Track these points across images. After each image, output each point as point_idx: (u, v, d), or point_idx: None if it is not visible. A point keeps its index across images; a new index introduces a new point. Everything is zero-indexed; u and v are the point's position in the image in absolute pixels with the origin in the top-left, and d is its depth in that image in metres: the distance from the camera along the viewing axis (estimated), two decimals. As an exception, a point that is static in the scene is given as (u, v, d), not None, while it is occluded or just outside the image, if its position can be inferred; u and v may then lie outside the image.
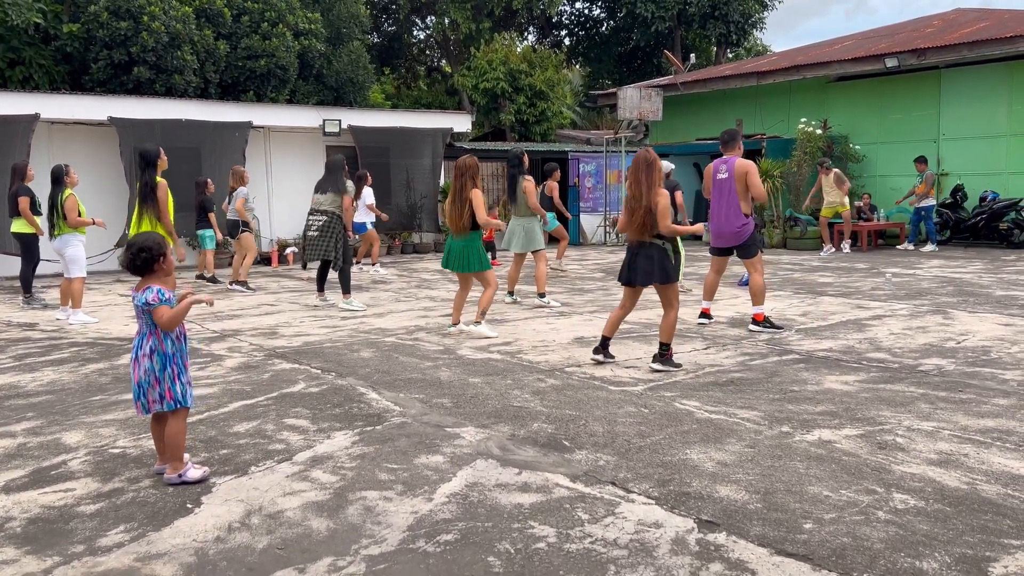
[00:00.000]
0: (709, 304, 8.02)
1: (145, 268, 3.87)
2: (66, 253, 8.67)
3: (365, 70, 21.18)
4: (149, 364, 3.81)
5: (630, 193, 6.00)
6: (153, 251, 3.88)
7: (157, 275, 3.90)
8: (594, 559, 3.03)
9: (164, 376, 3.84)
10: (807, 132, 17.44)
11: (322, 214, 9.18)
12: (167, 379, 3.85)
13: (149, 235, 4.07)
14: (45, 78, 16.47)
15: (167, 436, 3.89)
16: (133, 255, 3.87)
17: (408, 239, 17.46)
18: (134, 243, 3.91)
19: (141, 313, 3.85)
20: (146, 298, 3.79)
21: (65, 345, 7.49)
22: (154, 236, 4.04)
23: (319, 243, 9.18)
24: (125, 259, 3.98)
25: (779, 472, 3.88)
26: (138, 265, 3.87)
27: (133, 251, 3.88)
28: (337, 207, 9.19)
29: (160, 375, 3.83)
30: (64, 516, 3.52)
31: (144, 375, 3.82)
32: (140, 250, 3.86)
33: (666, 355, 6.09)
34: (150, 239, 3.96)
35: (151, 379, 3.83)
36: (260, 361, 6.61)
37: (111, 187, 13.97)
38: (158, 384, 3.84)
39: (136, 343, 3.89)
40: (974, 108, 16.92)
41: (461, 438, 4.49)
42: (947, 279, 11.24)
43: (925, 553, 3.02)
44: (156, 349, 3.84)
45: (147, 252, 3.86)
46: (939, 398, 5.17)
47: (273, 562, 3.07)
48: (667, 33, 30.47)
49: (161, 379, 3.84)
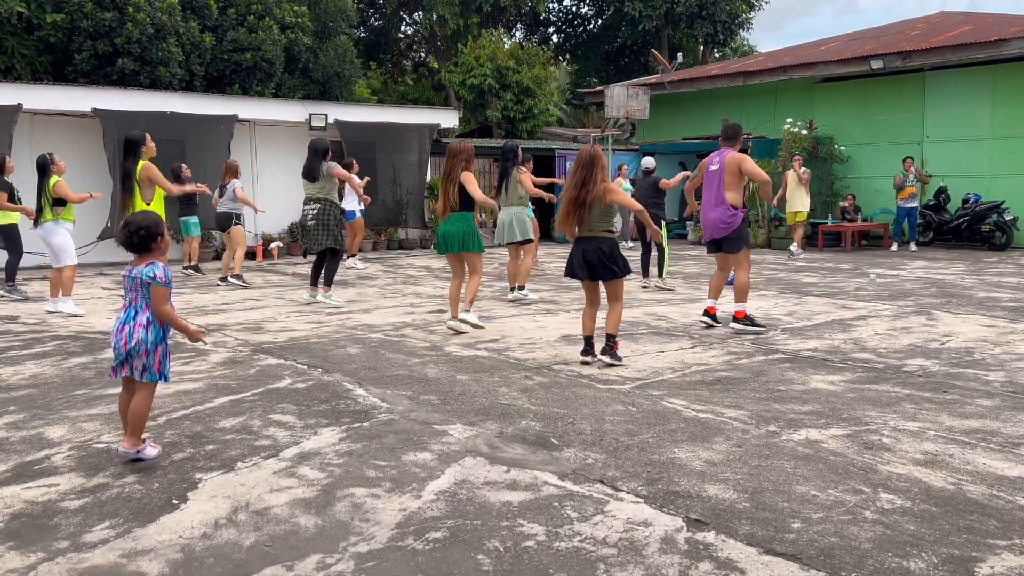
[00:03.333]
0: (714, 303, 7.91)
1: (143, 246, 3.94)
2: (53, 241, 8.58)
3: (352, 65, 21.09)
4: (143, 335, 3.87)
5: (575, 190, 6.05)
6: (151, 229, 3.95)
7: (154, 253, 3.97)
8: (584, 557, 3.03)
9: (156, 350, 3.92)
10: (793, 133, 17.54)
11: (315, 202, 9.00)
12: (159, 352, 3.94)
13: (147, 214, 4.16)
14: (28, 68, 16.29)
15: (135, 408, 3.94)
16: (131, 232, 3.93)
17: (394, 235, 17.42)
18: (132, 221, 3.98)
19: (139, 286, 3.90)
20: (154, 272, 3.87)
21: (47, 338, 7.41)
22: (152, 215, 4.12)
23: (316, 233, 9.04)
24: (122, 236, 3.99)
25: (767, 471, 3.89)
26: (135, 243, 3.93)
27: (132, 228, 3.93)
28: (327, 192, 9.06)
29: (152, 348, 3.90)
30: (48, 511, 3.48)
31: (136, 345, 3.87)
32: (139, 228, 3.93)
33: (614, 347, 6.17)
34: (148, 217, 4.03)
35: (141, 349, 3.89)
36: (246, 356, 6.57)
37: (95, 179, 13.82)
38: (146, 355, 3.90)
39: (126, 314, 3.94)
40: (958, 111, 17.08)
41: (449, 435, 4.48)
42: (930, 280, 11.33)
43: (912, 553, 3.03)
44: (153, 322, 3.90)
45: (145, 230, 3.94)
46: (924, 399, 5.21)
47: (260, 559, 3.05)
48: (654, 32, 30.54)
49: (151, 352, 3.90)
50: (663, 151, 20.70)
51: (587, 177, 6.05)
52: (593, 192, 6.02)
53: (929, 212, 16.78)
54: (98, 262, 13.70)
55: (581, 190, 6.04)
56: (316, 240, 9.04)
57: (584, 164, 6.07)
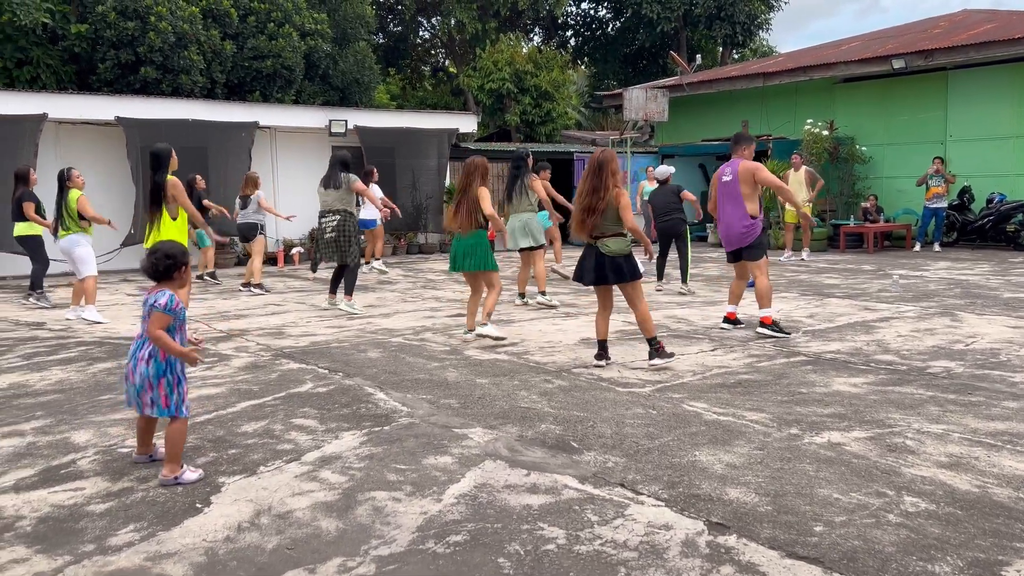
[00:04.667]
0: (735, 309, 7.89)
1: (166, 274, 3.96)
2: (74, 253, 8.70)
3: (371, 70, 21.19)
4: (145, 369, 3.87)
5: (587, 196, 6.03)
6: (177, 259, 3.98)
7: (174, 283, 4.00)
8: (604, 561, 3.03)
9: (159, 383, 3.87)
10: (813, 133, 17.42)
11: (334, 214, 9.01)
12: (163, 386, 3.89)
13: (174, 244, 4.16)
14: (52, 78, 16.51)
15: (167, 437, 3.91)
16: (156, 260, 3.96)
17: (413, 240, 17.48)
18: (159, 249, 4.00)
19: (149, 313, 3.87)
20: (157, 300, 3.84)
21: (73, 344, 7.50)
22: (179, 246, 4.13)
23: (335, 245, 9.04)
24: (147, 264, 4.00)
25: (788, 474, 3.87)
26: (160, 271, 3.96)
27: (157, 256, 3.96)
28: (346, 204, 9.09)
29: (155, 381, 3.87)
30: (74, 515, 3.53)
31: (140, 380, 3.87)
32: (165, 256, 3.96)
33: (659, 348, 6.14)
34: (175, 248, 4.06)
35: (145, 383, 3.87)
36: (267, 361, 6.62)
37: (118, 187, 14.00)
38: (151, 389, 3.88)
39: (137, 344, 3.94)
40: (981, 110, 16.88)
41: (469, 439, 4.49)
42: (954, 281, 11.21)
43: (937, 557, 3.01)
44: (155, 355, 3.88)
45: (171, 259, 3.97)
46: (948, 400, 5.16)
47: (283, 562, 3.07)
48: (673, 34, 30.46)
49: (155, 385, 3.87)
50: (682, 153, 20.65)
51: (598, 183, 6.03)
52: (605, 199, 6.00)
53: (953, 212, 16.59)
54: (122, 268, 13.85)
55: (593, 196, 6.02)
56: (332, 251, 9.03)
57: (595, 169, 6.05)
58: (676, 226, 10.72)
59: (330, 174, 9.14)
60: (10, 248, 12.33)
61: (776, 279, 11.67)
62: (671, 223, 10.69)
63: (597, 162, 6.08)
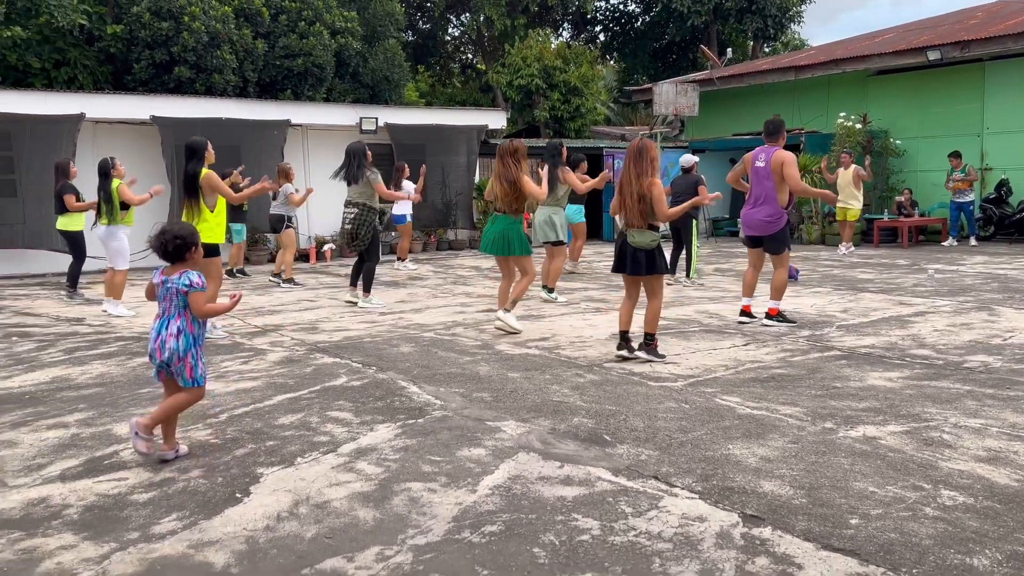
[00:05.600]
0: (749, 301, 7.91)
1: (177, 255, 4.05)
2: (111, 245, 8.87)
3: (400, 68, 21.30)
4: (175, 344, 4.01)
5: (634, 180, 6.05)
6: (186, 239, 4.06)
7: (187, 263, 4.09)
8: (639, 552, 3.04)
9: (186, 356, 4.03)
10: (846, 127, 17.23)
11: (354, 206, 9.01)
12: (190, 359, 4.05)
13: (183, 224, 4.27)
14: (89, 78, 16.81)
15: (173, 404, 4.09)
16: (166, 241, 4.04)
17: (443, 236, 17.55)
18: (168, 230, 4.08)
19: (174, 295, 3.99)
20: (189, 280, 3.98)
21: (112, 339, 7.65)
22: (188, 226, 4.22)
23: (351, 236, 9.08)
24: (156, 243, 4.08)
25: (823, 468, 3.85)
26: (169, 251, 4.04)
27: (167, 237, 4.04)
28: (367, 198, 9.04)
29: (183, 355, 4.02)
30: (118, 504, 3.61)
31: (169, 356, 4.01)
32: (175, 237, 4.04)
33: (651, 345, 6.15)
34: (184, 228, 4.14)
35: (174, 358, 4.02)
36: (302, 355, 6.70)
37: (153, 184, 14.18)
38: (179, 362, 4.04)
39: (159, 325, 4.06)
40: (1020, 101, 16.57)
41: (502, 431, 4.52)
42: (991, 275, 11.04)
43: (975, 550, 2.99)
44: (184, 330, 4.03)
45: (180, 240, 4.05)
46: (986, 395, 5.10)
47: (322, 551, 3.13)
48: (703, 28, 30.25)
49: (183, 358, 4.03)
50: (713, 147, 20.51)
51: (640, 169, 6.04)
52: (645, 183, 6.02)
53: (990, 206, 16.33)
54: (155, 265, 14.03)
55: (638, 182, 6.04)
56: (350, 242, 9.11)
57: (635, 156, 6.07)
58: (683, 218, 10.67)
59: (348, 168, 9.09)
60: (50, 245, 12.61)
61: (809, 274, 11.58)
62: None
63: (636, 149, 6.10)
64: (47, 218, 12.17)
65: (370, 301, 9.27)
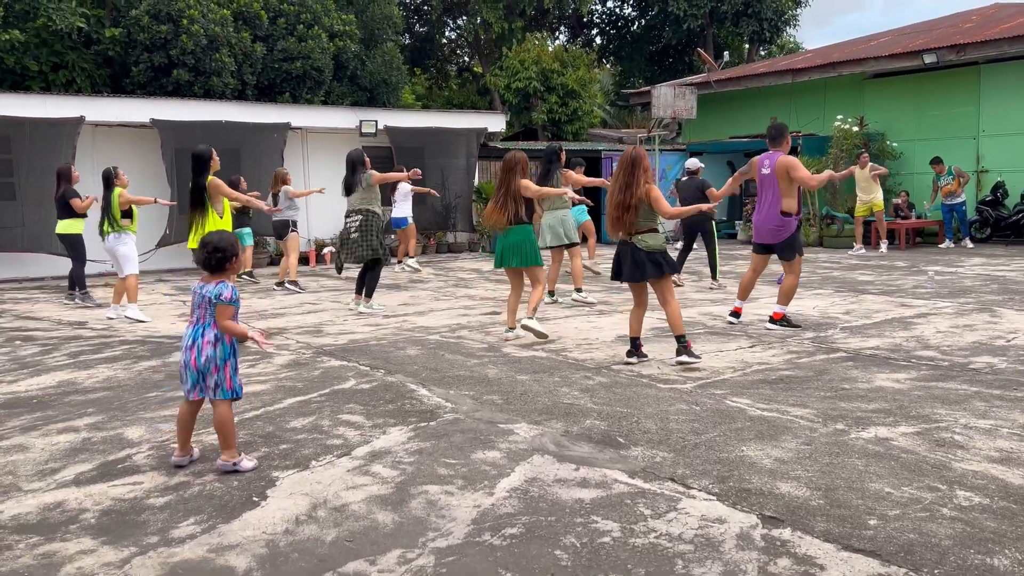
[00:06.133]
0: (742, 304, 7.93)
1: (219, 267, 4.08)
2: (118, 251, 8.87)
3: (398, 71, 21.29)
4: (212, 352, 3.98)
5: (620, 193, 6.08)
6: (227, 252, 4.08)
7: (227, 273, 4.10)
8: (661, 554, 3.05)
9: (226, 365, 4.02)
10: (843, 130, 17.29)
11: (357, 213, 8.97)
12: (229, 368, 4.04)
13: (224, 235, 4.25)
14: (87, 81, 16.77)
15: (218, 424, 4.05)
16: (208, 254, 4.07)
17: (443, 239, 17.56)
18: (209, 242, 4.10)
19: (208, 304, 4.00)
20: (220, 292, 3.99)
21: (116, 343, 7.63)
22: (228, 237, 4.22)
23: (360, 244, 9.02)
24: (200, 256, 4.14)
25: (838, 469, 3.87)
26: (212, 264, 4.07)
27: (208, 250, 4.07)
28: (369, 203, 8.98)
29: (221, 364, 4.00)
30: (135, 508, 3.61)
31: (205, 362, 3.98)
32: (216, 249, 4.06)
33: (686, 346, 6.15)
34: (224, 239, 4.15)
35: (211, 366, 3.99)
36: (309, 359, 6.70)
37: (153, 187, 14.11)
38: (217, 372, 4.01)
39: (194, 332, 4.04)
40: (1015, 104, 16.67)
41: (515, 434, 4.53)
42: (990, 277, 11.09)
43: (995, 550, 3.00)
44: (220, 339, 4.01)
45: (221, 252, 4.07)
46: (994, 396, 5.12)
47: (343, 554, 3.13)
48: (699, 31, 30.33)
49: (221, 367, 4.01)
50: (711, 151, 20.54)
51: (630, 179, 6.07)
52: (636, 195, 6.05)
53: (986, 208, 16.42)
54: (156, 269, 14.02)
55: (625, 193, 6.07)
56: (354, 253, 8.95)
57: (626, 167, 6.10)
58: (702, 222, 10.71)
59: (347, 177, 9.09)
60: (49, 249, 12.57)
61: (809, 276, 11.61)
62: (698, 218, 10.64)
63: (629, 159, 6.14)
64: (46, 221, 12.13)
65: (371, 306, 9.24)
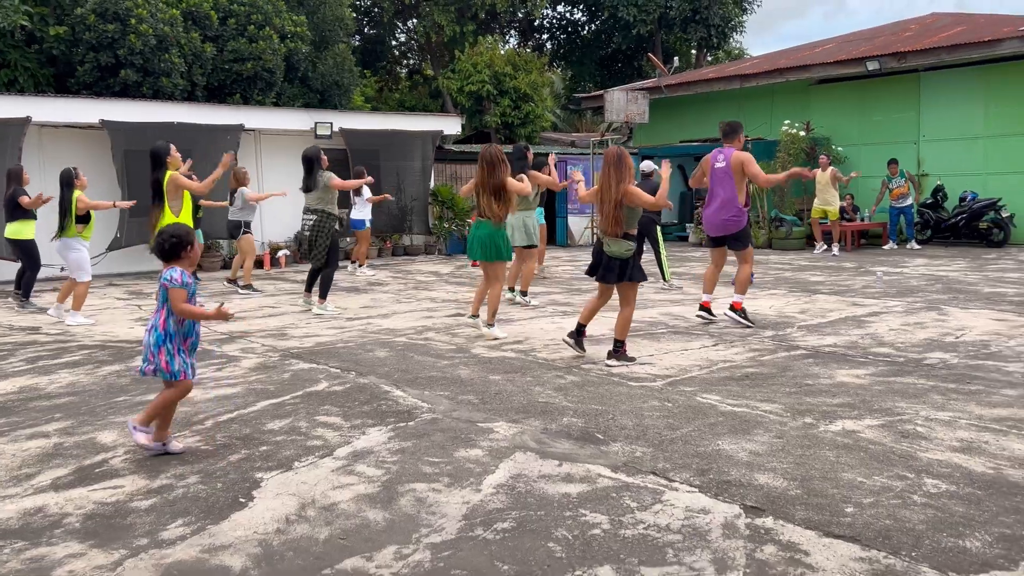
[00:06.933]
0: (709, 298, 8.10)
1: (172, 253, 4.21)
2: (70, 257, 8.69)
3: (350, 73, 21.17)
4: (147, 338, 4.19)
5: (612, 186, 6.20)
6: (181, 239, 4.24)
7: (182, 261, 4.23)
8: (651, 543, 3.15)
9: (160, 351, 4.17)
10: (790, 134, 17.73)
11: (312, 213, 8.97)
12: (164, 354, 4.18)
13: (179, 225, 4.46)
14: (30, 81, 16.32)
15: (160, 400, 4.24)
16: (163, 240, 4.23)
17: (399, 241, 17.51)
18: (165, 230, 4.28)
19: (161, 289, 4.18)
20: (171, 275, 4.13)
21: (74, 348, 7.48)
22: (183, 226, 4.41)
23: (309, 244, 8.98)
24: (155, 244, 4.30)
25: (811, 460, 4.02)
26: (166, 249, 4.22)
27: (164, 236, 4.24)
28: (326, 204, 8.96)
29: (155, 349, 4.16)
30: (120, 511, 3.58)
31: (144, 348, 4.20)
32: (170, 235, 4.23)
33: (621, 351, 6.30)
34: (180, 228, 4.34)
35: (148, 352, 4.19)
36: (277, 362, 6.66)
37: (104, 190, 13.81)
38: (153, 357, 4.19)
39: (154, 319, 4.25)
40: (953, 110, 17.30)
41: (495, 432, 4.59)
42: (934, 277, 11.50)
43: (966, 533, 3.16)
44: (156, 325, 4.17)
45: (176, 238, 4.22)
46: (949, 389, 5.35)
47: (339, 551, 3.15)
48: (648, 37, 30.75)
49: (156, 353, 4.17)
50: (661, 154, 20.82)
51: (620, 175, 6.17)
52: (620, 190, 6.15)
53: (927, 210, 16.99)
54: (108, 273, 13.73)
55: (616, 189, 6.17)
56: (308, 254, 9.02)
57: (614, 163, 6.18)
58: (647, 225, 10.89)
59: (305, 176, 9.06)
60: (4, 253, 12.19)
61: (762, 277, 11.89)
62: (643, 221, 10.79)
63: (616, 156, 6.21)
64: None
65: (325, 308, 9.20)
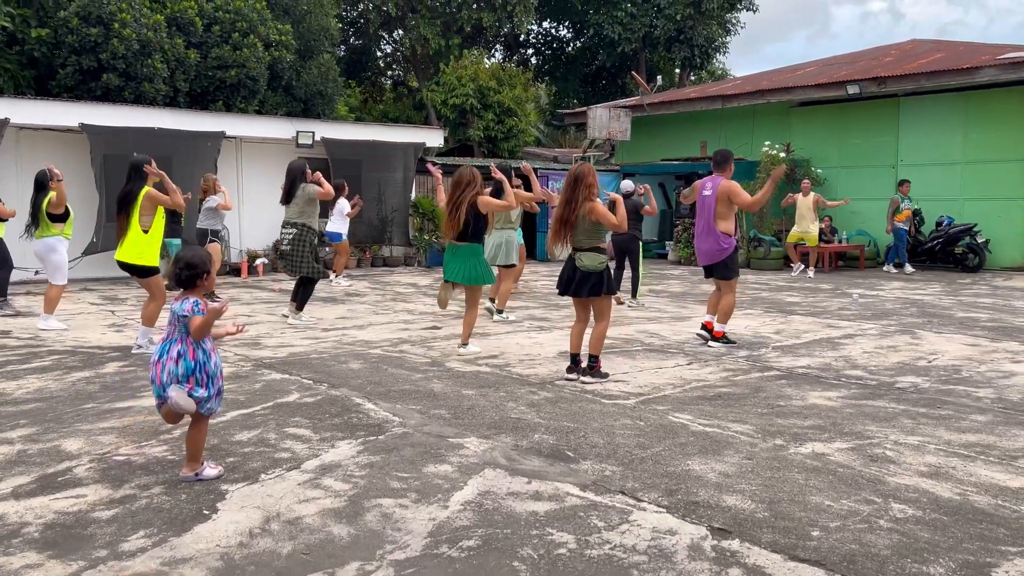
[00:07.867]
0: (712, 318, 8.05)
1: (189, 282, 4.07)
2: (50, 259, 8.59)
3: (334, 83, 21.15)
4: (174, 367, 3.93)
5: (561, 208, 6.25)
6: (198, 268, 4.08)
7: (198, 289, 4.09)
8: (616, 564, 3.13)
9: (190, 380, 3.95)
10: (771, 155, 17.87)
11: (292, 226, 8.92)
12: (191, 383, 3.96)
13: (196, 251, 4.23)
14: (10, 83, 16.17)
15: (188, 437, 4.08)
16: (180, 270, 4.08)
17: (378, 252, 17.47)
18: (182, 258, 4.11)
19: (176, 320, 3.96)
20: (184, 309, 3.96)
21: (44, 353, 7.38)
22: (202, 254, 4.19)
23: (292, 259, 8.96)
24: (173, 271, 4.18)
25: (780, 483, 4.02)
26: (183, 279, 4.08)
27: (180, 266, 4.08)
28: (306, 218, 8.92)
29: (184, 379, 3.93)
30: (80, 522, 3.52)
31: (168, 377, 3.93)
32: (187, 266, 4.07)
33: (595, 367, 6.29)
34: (195, 258, 4.13)
35: (173, 381, 3.93)
36: (249, 371, 6.60)
37: (81, 194, 13.70)
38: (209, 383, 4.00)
39: (161, 348, 3.99)
40: (931, 136, 17.52)
41: (465, 448, 4.56)
42: (910, 301, 11.61)
43: (930, 559, 3.17)
44: (184, 355, 3.95)
45: (192, 269, 4.07)
46: (920, 414, 5.38)
47: (301, 566, 3.11)
48: (632, 55, 30.98)
49: (182, 382, 3.93)
50: (642, 172, 20.98)
51: (572, 195, 6.21)
52: (577, 211, 6.18)
53: (904, 234, 17.14)
54: (82, 277, 13.59)
55: (566, 208, 6.22)
56: (290, 265, 8.95)
57: (570, 183, 6.24)
58: (628, 242, 10.95)
59: (287, 188, 9.01)
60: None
61: (739, 296, 11.92)
62: (625, 238, 10.87)
63: (573, 176, 6.27)
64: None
65: (300, 318, 9.18)
